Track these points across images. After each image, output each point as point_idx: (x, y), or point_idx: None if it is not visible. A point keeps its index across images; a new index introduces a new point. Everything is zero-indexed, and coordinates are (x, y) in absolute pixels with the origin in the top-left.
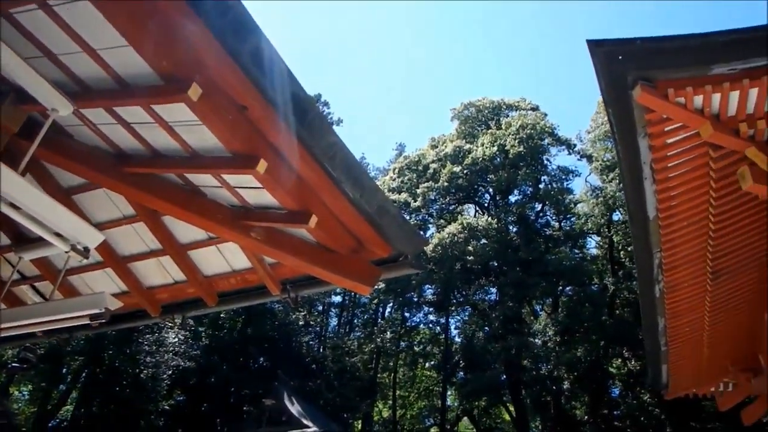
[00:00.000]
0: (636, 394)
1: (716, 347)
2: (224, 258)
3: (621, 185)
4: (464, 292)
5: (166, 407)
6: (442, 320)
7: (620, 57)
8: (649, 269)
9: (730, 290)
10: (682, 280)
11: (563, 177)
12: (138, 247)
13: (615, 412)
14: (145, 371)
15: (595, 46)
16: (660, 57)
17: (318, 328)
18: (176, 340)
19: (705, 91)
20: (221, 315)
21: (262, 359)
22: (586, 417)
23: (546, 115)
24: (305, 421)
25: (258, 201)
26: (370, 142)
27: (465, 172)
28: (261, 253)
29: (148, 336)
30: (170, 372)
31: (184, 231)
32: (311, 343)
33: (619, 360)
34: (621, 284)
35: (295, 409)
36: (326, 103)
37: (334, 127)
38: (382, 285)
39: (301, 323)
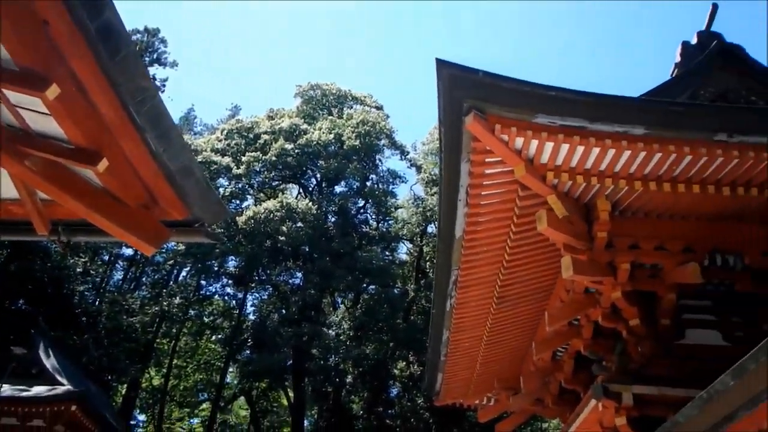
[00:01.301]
0: (412, 396)
1: (487, 364)
2: None
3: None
4: (268, 271)
5: None
6: (240, 295)
7: (461, 83)
8: (445, 284)
9: (509, 316)
10: (471, 299)
11: (391, 180)
12: None
13: (389, 411)
14: None
15: (441, 66)
16: (495, 93)
17: (98, 279)
18: None
19: (526, 135)
20: None
21: (22, 302)
22: (361, 412)
23: (388, 117)
24: (59, 378)
25: (42, 128)
26: (205, 96)
27: (297, 151)
28: (34, 186)
29: None
30: None
31: None
32: (87, 293)
33: (404, 363)
34: (421, 292)
35: (50, 362)
36: (164, 41)
37: (166, 68)
38: (181, 247)
39: (79, 270)
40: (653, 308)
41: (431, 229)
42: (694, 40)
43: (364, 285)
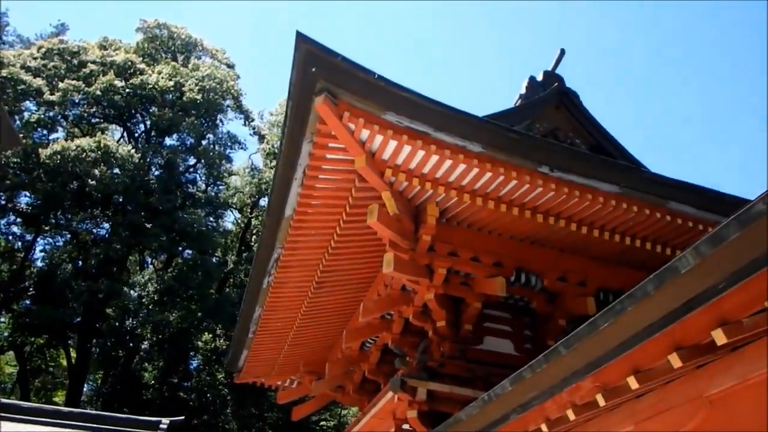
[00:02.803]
0: (213, 371)
1: (296, 347)
2: None
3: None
4: (69, 216)
5: None
6: (29, 237)
7: (318, 62)
8: (266, 260)
9: (326, 302)
10: (291, 280)
11: (229, 144)
12: None
13: (185, 384)
14: None
15: (301, 40)
16: (351, 81)
17: None
18: None
19: (373, 129)
20: None
21: None
22: (153, 382)
23: (239, 77)
24: None
25: None
26: (28, 4)
27: (128, 91)
28: None
29: None
30: None
31: None
32: None
33: (210, 335)
34: (241, 265)
35: None
36: None
37: None
38: None
39: None
40: (459, 313)
41: (264, 202)
42: (539, 77)
43: (180, 248)
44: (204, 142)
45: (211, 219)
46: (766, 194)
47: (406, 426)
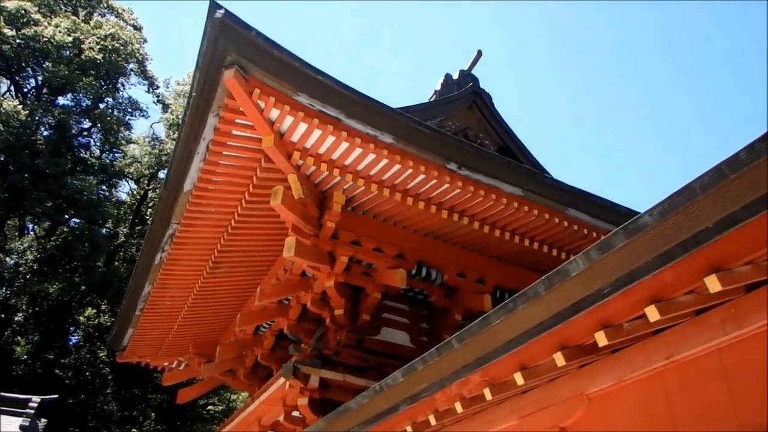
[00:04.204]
0: (94, 348)
1: (186, 327)
2: None
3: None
4: None
5: None
6: None
7: (231, 34)
8: (160, 235)
9: (221, 283)
10: (185, 257)
11: (130, 110)
12: None
13: (62, 360)
14: None
15: (215, 8)
16: (264, 58)
17: None
18: None
19: (283, 109)
20: None
21: None
22: (26, 356)
23: (146, 41)
24: None
25: None
26: None
27: (19, 42)
28: None
29: None
30: None
31: None
32: None
33: (94, 310)
34: (133, 239)
35: None
36: None
37: None
38: None
39: None
40: (358, 302)
41: (163, 174)
42: (455, 76)
43: (67, 216)
44: (102, 106)
45: (104, 188)
46: (652, 208)
47: (295, 413)
